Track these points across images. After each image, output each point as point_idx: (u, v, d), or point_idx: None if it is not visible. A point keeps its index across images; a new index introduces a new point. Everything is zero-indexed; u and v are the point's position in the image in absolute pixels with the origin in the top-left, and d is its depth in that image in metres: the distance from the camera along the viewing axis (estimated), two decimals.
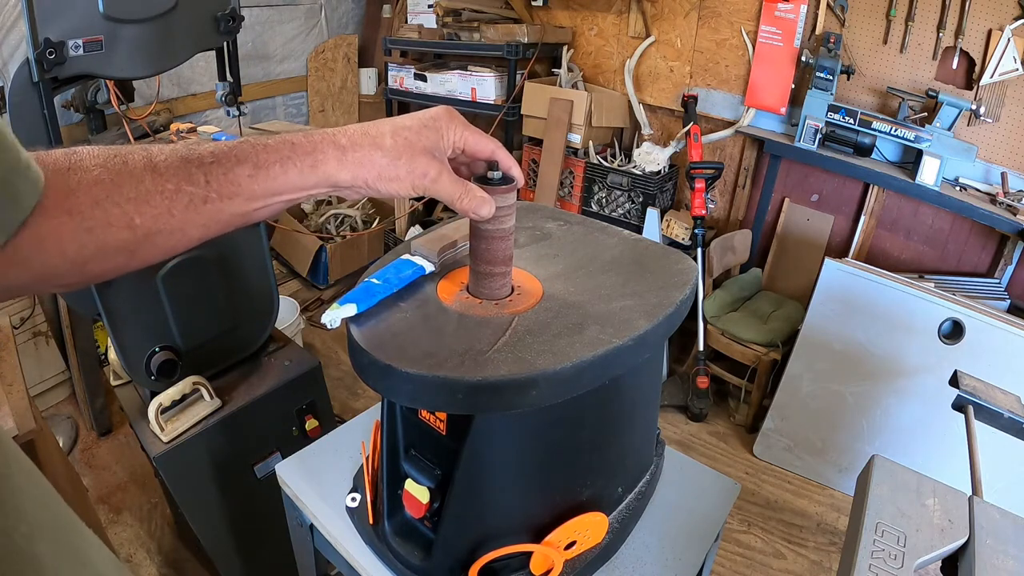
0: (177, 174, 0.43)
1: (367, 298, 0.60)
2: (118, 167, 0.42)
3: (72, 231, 0.40)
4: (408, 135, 0.52)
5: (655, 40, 2.75)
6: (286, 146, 0.48)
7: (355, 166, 0.50)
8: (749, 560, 1.91)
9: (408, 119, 0.53)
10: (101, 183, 0.41)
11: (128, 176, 0.42)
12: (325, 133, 0.50)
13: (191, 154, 0.44)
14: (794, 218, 2.64)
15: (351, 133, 0.51)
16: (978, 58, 2.09)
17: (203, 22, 1.22)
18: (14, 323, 2.09)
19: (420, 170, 0.51)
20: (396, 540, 0.71)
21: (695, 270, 0.71)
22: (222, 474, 1.33)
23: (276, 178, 0.47)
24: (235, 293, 1.35)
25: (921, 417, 1.96)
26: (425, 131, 0.52)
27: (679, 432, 2.46)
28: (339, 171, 0.49)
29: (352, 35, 3.52)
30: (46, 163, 0.40)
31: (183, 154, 0.44)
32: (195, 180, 0.44)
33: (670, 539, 0.80)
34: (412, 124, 0.52)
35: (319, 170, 0.49)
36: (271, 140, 0.48)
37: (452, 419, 0.63)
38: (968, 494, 0.70)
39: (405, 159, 0.51)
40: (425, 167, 0.52)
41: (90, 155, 0.42)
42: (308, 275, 3.18)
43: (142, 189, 0.42)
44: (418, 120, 0.53)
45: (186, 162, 0.44)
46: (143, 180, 0.42)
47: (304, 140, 0.49)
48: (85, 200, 0.40)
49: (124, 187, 0.42)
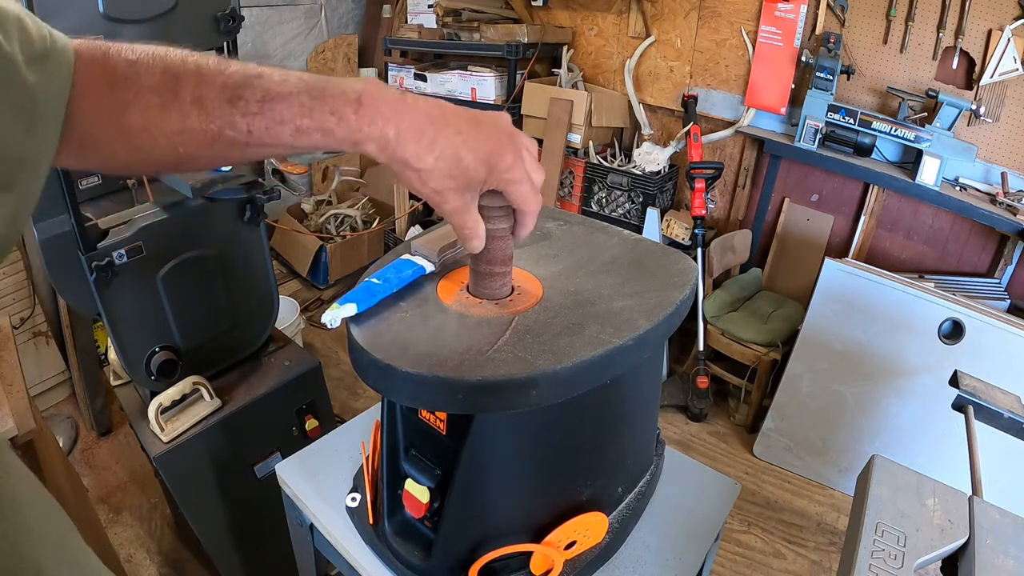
0: (222, 117, 0.43)
1: (367, 298, 0.61)
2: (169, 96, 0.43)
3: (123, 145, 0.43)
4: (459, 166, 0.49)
5: (655, 40, 2.75)
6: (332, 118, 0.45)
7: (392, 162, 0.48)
8: (749, 560, 1.91)
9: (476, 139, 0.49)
10: (151, 110, 0.42)
11: (176, 109, 0.43)
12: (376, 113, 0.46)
13: (238, 97, 0.44)
14: (794, 218, 2.64)
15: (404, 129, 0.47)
16: (978, 58, 2.09)
17: (203, 22, 1.22)
18: (14, 323, 2.09)
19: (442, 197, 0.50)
20: (396, 540, 0.71)
21: (695, 270, 0.71)
22: (222, 474, 1.33)
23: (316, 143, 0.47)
24: (235, 293, 1.35)
25: (921, 417, 1.96)
26: (479, 167, 0.50)
27: (679, 432, 2.46)
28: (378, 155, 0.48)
29: (352, 35, 3.52)
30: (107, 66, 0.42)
31: (231, 95, 0.44)
32: (237, 128, 0.44)
33: (670, 539, 0.80)
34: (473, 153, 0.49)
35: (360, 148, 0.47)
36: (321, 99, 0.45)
37: (452, 419, 0.63)
38: (968, 494, 0.70)
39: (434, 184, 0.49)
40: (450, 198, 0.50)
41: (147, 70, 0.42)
42: (308, 275, 3.18)
43: (187, 125, 0.43)
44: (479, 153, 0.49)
45: (232, 106, 0.44)
46: (189, 116, 0.43)
47: (353, 117, 0.46)
48: (136, 123, 0.42)
49: (171, 119, 0.43)
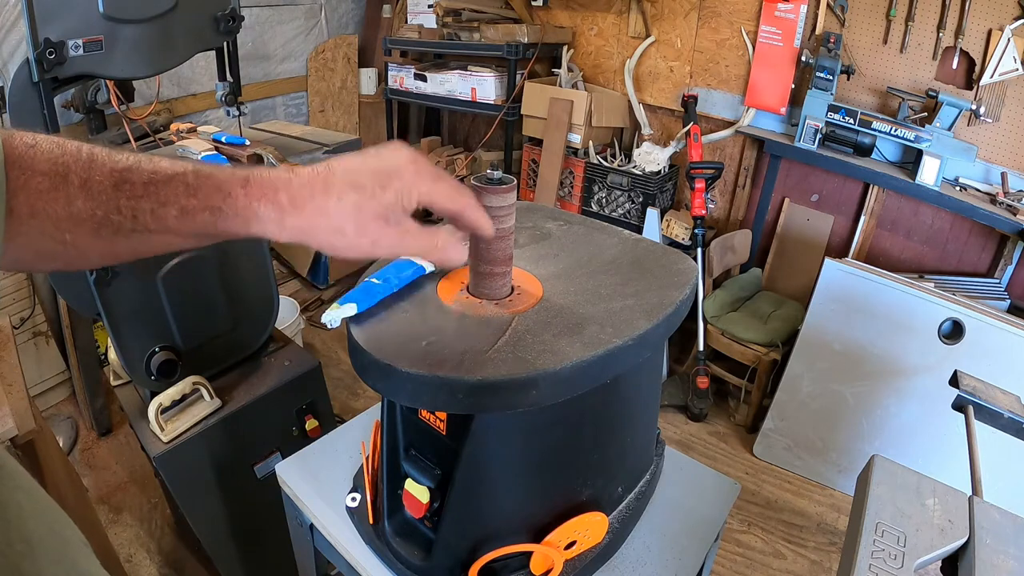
0: (107, 202, 0.41)
1: (367, 298, 0.61)
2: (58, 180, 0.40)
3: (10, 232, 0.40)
4: (358, 199, 0.45)
5: (655, 40, 2.75)
6: (218, 196, 0.43)
7: (295, 231, 0.45)
8: (749, 560, 1.91)
9: (363, 174, 0.46)
10: (40, 193, 0.40)
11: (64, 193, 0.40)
12: (268, 185, 0.44)
13: (124, 181, 0.42)
14: (794, 218, 2.64)
15: (295, 189, 0.44)
16: (978, 58, 2.09)
17: (203, 22, 1.22)
18: (14, 323, 2.09)
19: (369, 240, 0.46)
20: (396, 540, 0.71)
21: (695, 270, 0.71)
22: (222, 474, 1.33)
23: (205, 224, 0.43)
24: (235, 293, 1.35)
25: (921, 417, 1.96)
26: (380, 192, 0.46)
27: (679, 432, 2.46)
28: (278, 233, 0.45)
29: (352, 35, 3.52)
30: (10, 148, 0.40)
31: (117, 179, 0.42)
32: (123, 211, 0.42)
33: (670, 539, 0.80)
34: (366, 182, 0.45)
35: (253, 227, 0.44)
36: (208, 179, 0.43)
37: (452, 419, 0.63)
38: (968, 494, 0.70)
39: (352, 228, 0.45)
40: (376, 235, 0.46)
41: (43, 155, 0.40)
42: (308, 275, 3.18)
43: (73, 210, 0.41)
44: (375, 176, 0.46)
45: (117, 190, 0.42)
46: (75, 201, 0.41)
47: (241, 193, 0.43)
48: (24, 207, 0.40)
49: (58, 204, 0.40)
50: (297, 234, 0.45)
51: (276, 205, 0.44)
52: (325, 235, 0.45)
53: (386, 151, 0.48)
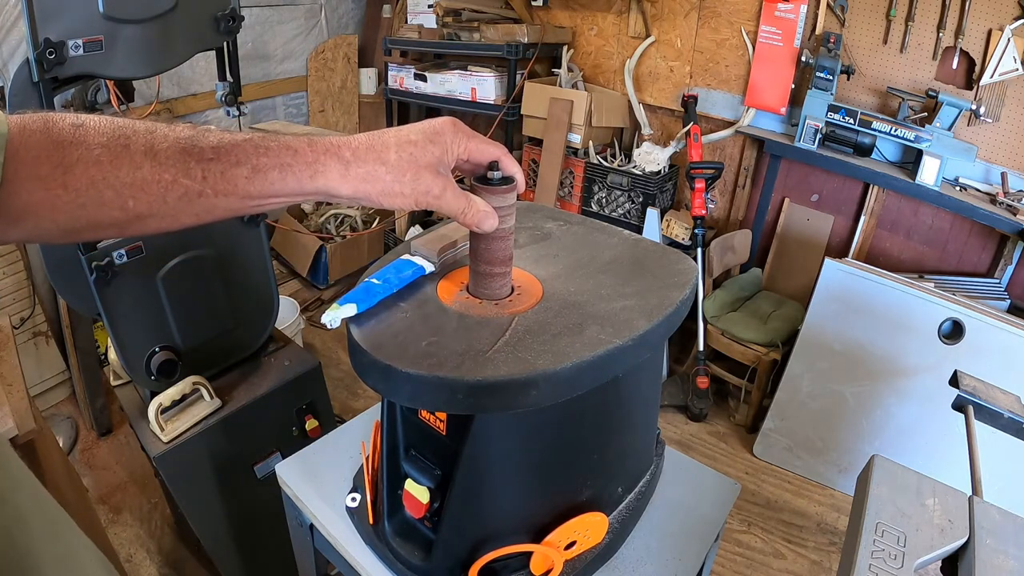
0: (175, 165, 0.43)
1: (367, 298, 0.60)
2: (119, 149, 0.42)
3: (67, 205, 0.41)
4: (413, 151, 0.51)
5: (655, 40, 2.75)
6: (288, 152, 0.47)
7: (358, 181, 0.49)
8: (749, 560, 1.91)
9: (413, 132, 0.52)
10: (100, 164, 0.41)
11: (127, 160, 0.42)
12: (330, 143, 0.49)
13: (192, 146, 0.44)
14: (794, 218, 2.64)
15: (355, 146, 0.50)
16: (978, 58, 2.09)
17: (203, 22, 1.22)
18: (14, 323, 2.09)
19: (424, 187, 0.51)
20: (396, 540, 0.71)
21: (695, 270, 0.71)
22: (222, 474, 1.33)
23: (274, 183, 0.47)
24: (235, 293, 1.35)
25: (921, 417, 1.96)
26: (430, 146, 0.52)
27: (679, 432, 2.46)
28: (341, 185, 0.49)
29: (352, 35, 3.52)
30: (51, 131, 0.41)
31: (184, 145, 0.44)
32: (192, 174, 0.44)
33: (670, 539, 0.80)
34: (417, 139, 0.52)
35: (319, 181, 0.48)
36: (275, 141, 0.48)
37: (452, 419, 0.63)
38: (968, 494, 0.70)
39: (410, 176, 0.51)
40: (429, 184, 0.51)
41: (95, 130, 0.42)
42: (308, 275, 3.18)
43: (139, 176, 0.43)
44: (423, 134, 0.52)
45: (186, 154, 0.44)
46: (141, 167, 0.43)
47: (307, 149, 0.48)
48: (83, 178, 0.41)
49: (122, 171, 0.42)
50: (359, 184, 0.49)
51: (340, 159, 0.49)
52: (386, 184, 0.50)
53: (430, 120, 0.55)
